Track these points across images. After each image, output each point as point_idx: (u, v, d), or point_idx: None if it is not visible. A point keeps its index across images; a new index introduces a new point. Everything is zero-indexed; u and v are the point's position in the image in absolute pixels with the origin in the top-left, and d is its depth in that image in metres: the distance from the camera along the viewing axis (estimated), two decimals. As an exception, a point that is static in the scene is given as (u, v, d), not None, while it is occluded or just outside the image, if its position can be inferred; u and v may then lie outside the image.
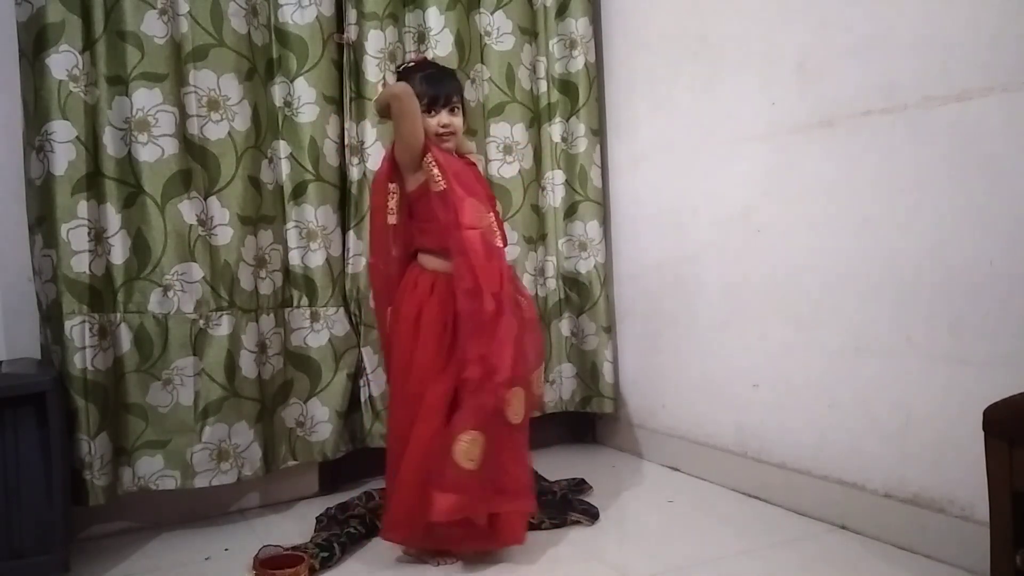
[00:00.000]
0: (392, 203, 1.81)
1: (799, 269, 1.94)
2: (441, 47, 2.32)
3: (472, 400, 1.64)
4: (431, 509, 1.62)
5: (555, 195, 2.55)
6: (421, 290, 1.76)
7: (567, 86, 2.54)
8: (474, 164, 1.89)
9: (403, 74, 1.86)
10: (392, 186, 1.81)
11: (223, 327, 1.97)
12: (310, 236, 2.16)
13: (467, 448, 1.62)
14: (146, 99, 1.90)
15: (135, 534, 2.00)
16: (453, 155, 1.81)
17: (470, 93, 2.39)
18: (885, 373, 1.74)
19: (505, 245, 1.84)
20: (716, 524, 1.93)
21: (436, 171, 1.73)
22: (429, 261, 1.79)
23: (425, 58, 1.95)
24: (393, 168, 1.80)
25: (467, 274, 1.67)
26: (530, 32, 2.51)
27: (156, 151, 1.91)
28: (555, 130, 2.54)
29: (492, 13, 2.45)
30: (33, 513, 1.65)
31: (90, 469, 1.78)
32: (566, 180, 2.55)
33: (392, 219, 1.82)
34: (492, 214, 1.78)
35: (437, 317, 1.73)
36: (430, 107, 1.78)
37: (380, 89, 2.05)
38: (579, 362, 2.58)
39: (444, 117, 1.79)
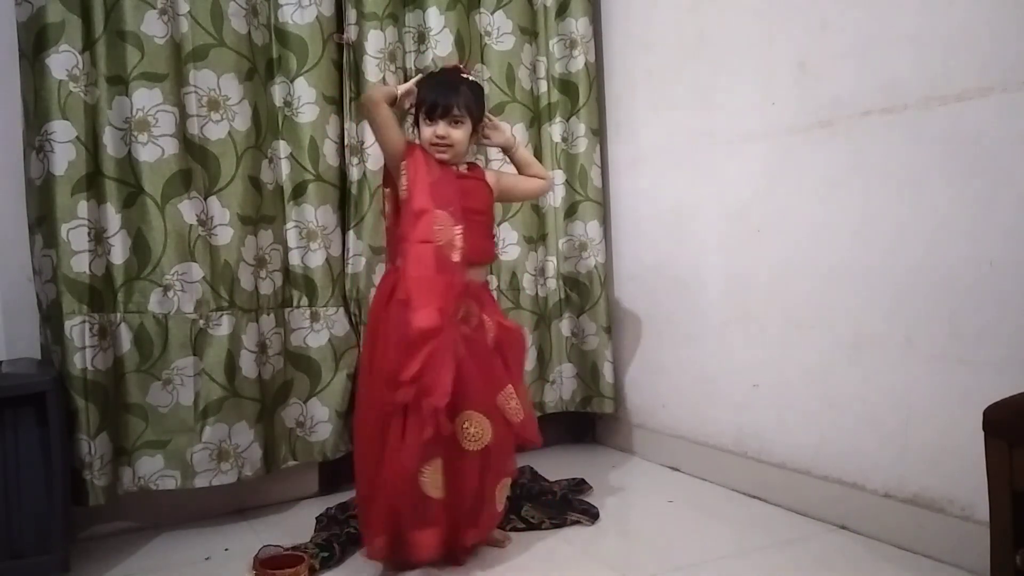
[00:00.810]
0: (387, 208, 1.81)
1: (799, 269, 1.94)
2: (441, 47, 2.32)
3: (417, 426, 1.60)
4: (414, 551, 1.64)
5: (555, 195, 2.54)
6: (381, 295, 1.76)
7: (567, 86, 2.54)
8: (476, 176, 1.84)
9: (425, 77, 1.86)
10: (386, 191, 1.81)
11: (223, 327, 1.97)
12: (310, 236, 2.16)
13: (430, 479, 1.62)
14: (146, 99, 1.90)
15: (135, 534, 2.00)
16: (443, 165, 1.76)
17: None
18: (885, 373, 1.74)
19: (485, 259, 1.82)
20: (716, 524, 1.93)
21: (405, 179, 1.72)
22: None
23: (457, 66, 1.86)
24: (388, 172, 1.80)
25: (402, 286, 1.66)
26: (530, 32, 2.51)
27: (156, 151, 1.91)
28: (555, 130, 2.54)
29: (492, 13, 2.45)
30: (33, 513, 1.65)
31: (90, 469, 1.78)
32: (566, 180, 2.55)
33: (387, 222, 1.82)
34: (459, 227, 1.69)
35: (396, 324, 1.67)
36: (428, 115, 1.76)
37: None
38: (579, 362, 2.58)
39: (441, 128, 1.74)
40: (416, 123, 1.82)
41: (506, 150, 1.96)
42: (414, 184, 1.71)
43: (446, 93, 1.76)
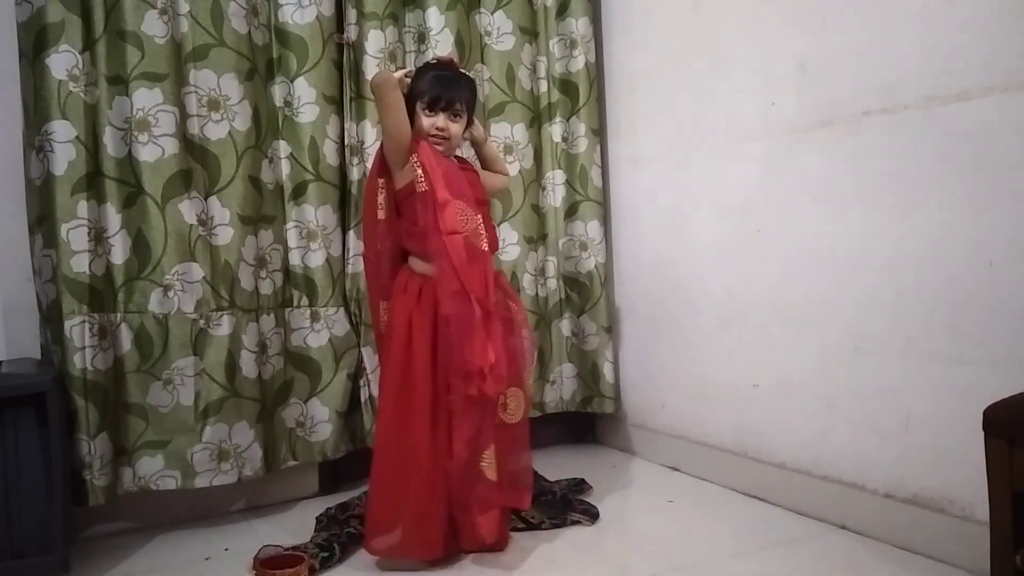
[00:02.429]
0: (380, 198, 1.80)
1: (799, 269, 1.94)
2: (441, 47, 2.32)
3: (476, 414, 1.66)
4: (480, 532, 1.71)
5: (555, 195, 2.55)
6: (410, 295, 1.76)
7: (567, 86, 2.54)
8: (471, 168, 1.89)
9: (420, 69, 1.86)
10: (381, 181, 1.81)
11: (223, 327, 1.97)
12: (310, 236, 2.16)
13: (488, 463, 1.68)
14: (146, 99, 1.90)
15: (135, 534, 2.00)
16: (444, 156, 1.80)
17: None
18: (885, 373, 1.74)
19: (495, 249, 1.82)
20: (716, 524, 1.93)
21: (420, 171, 1.73)
22: (417, 264, 1.79)
23: (452, 60, 1.89)
24: (383, 162, 1.80)
25: (452, 277, 1.67)
26: (530, 32, 2.51)
27: (156, 151, 1.91)
28: (555, 130, 2.54)
29: (492, 13, 2.45)
30: (33, 513, 1.65)
31: (90, 469, 1.78)
32: (566, 180, 2.55)
33: (381, 214, 1.81)
34: (479, 216, 1.75)
35: (426, 323, 1.72)
36: (430, 107, 1.77)
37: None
38: (580, 362, 2.58)
39: (440, 120, 1.77)
40: (410, 113, 1.82)
41: (478, 144, 1.97)
42: (433, 175, 1.71)
43: (449, 87, 1.78)
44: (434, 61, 1.89)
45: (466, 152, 2.40)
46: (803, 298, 1.94)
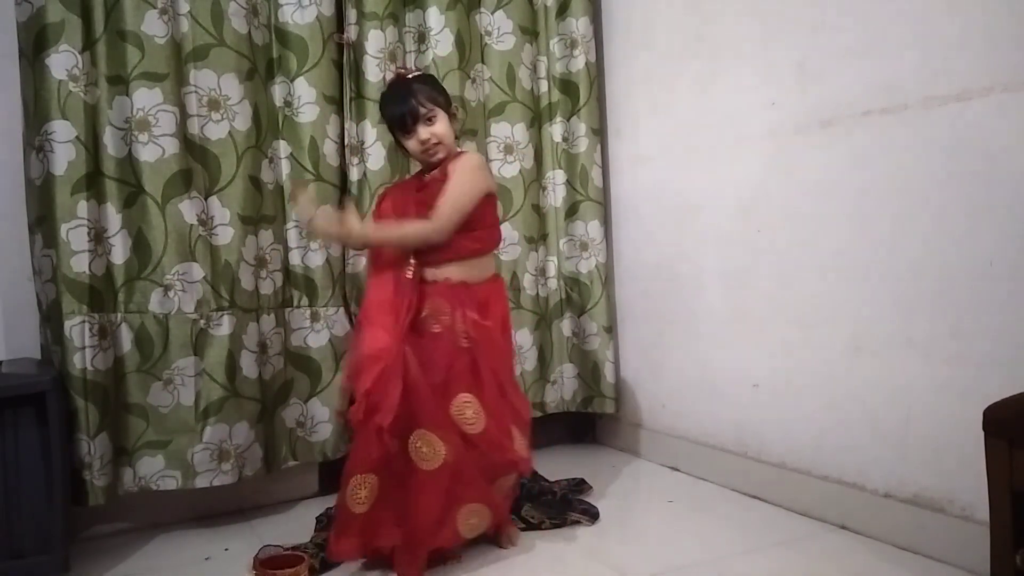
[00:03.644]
0: None
1: (799, 269, 1.94)
2: (441, 47, 2.32)
3: (362, 441, 1.64)
4: (329, 553, 1.68)
5: (556, 195, 2.54)
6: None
7: (568, 86, 2.54)
8: (438, 179, 1.77)
9: (380, 102, 1.90)
10: None
11: (224, 327, 1.97)
12: (310, 236, 2.16)
13: (356, 492, 1.64)
14: (146, 99, 1.90)
15: (135, 534, 2.00)
16: (409, 181, 1.88)
17: (471, 93, 2.39)
18: (885, 373, 1.74)
19: (467, 255, 1.77)
20: (716, 524, 1.93)
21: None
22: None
23: (396, 74, 1.85)
24: None
25: (361, 309, 1.76)
26: (531, 32, 2.51)
27: (156, 151, 1.91)
28: (556, 130, 2.54)
29: (492, 13, 2.44)
30: (33, 513, 1.65)
31: (90, 469, 1.78)
32: (567, 180, 2.55)
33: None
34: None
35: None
36: (402, 128, 1.76)
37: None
38: (580, 362, 2.58)
39: (422, 132, 1.75)
40: (398, 144, 1.84)
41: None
42: (377, 219, 1.83)
43: (404, 99, 1.75)
44: (386, 87, 1.92)
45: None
46: (803, 298, 1.94)
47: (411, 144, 1.77)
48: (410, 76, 1.82)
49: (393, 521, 1.64)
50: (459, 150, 1.88)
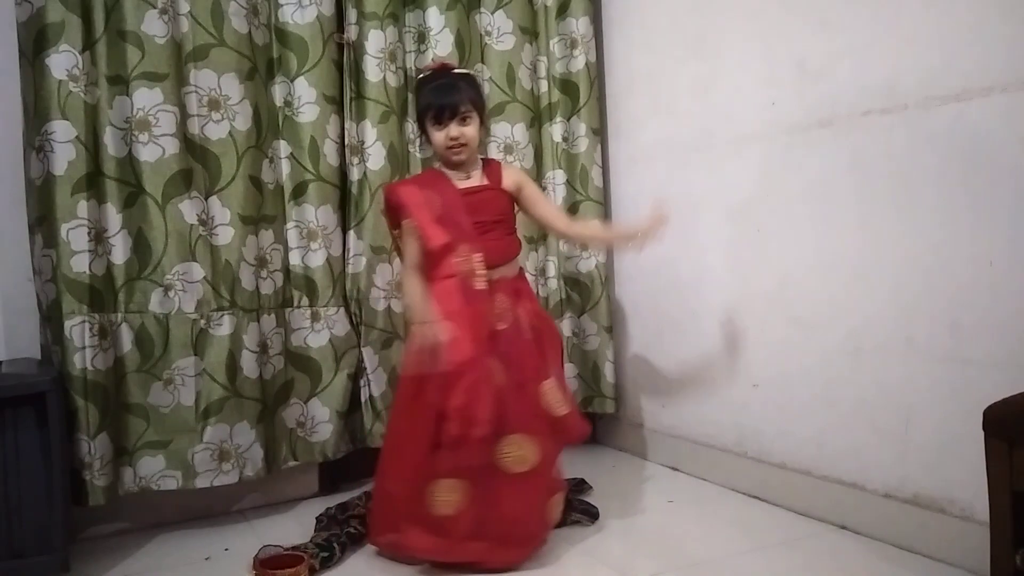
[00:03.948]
0: (399, 245, 1.85)
1: (799, 268, 1.94)
2: (441, 47, 2.32)
3: (453, 452, 1.63)
4: (405, 542, 1.68)
5: (556, 195, 2.54)
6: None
7: (568, 86, 2.54)
8: (484, 188, 1.83)
9: (417, 85, 1.86)
10: (395, 232, 1.86)
11: (224, 327, 1.97)
12: (310, 236, 2.16)
13: (445, 495, 1.65)
14: (147, 99, 1.90)
15: (135, 534, 2.00)
16: (448, 188, 1.79)
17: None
18: (885, 373, 1.74)
19: (513, 256, 1.83)
20: (716, 524, 1.93)
21: (412, 222, 1.76)
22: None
23: (443, 64, 1.85)
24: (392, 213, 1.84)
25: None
26: (530, 32, 2.51)
27: (157, 151, 1.91)
28: (556, 130, 2.54)
29: (492, 13, 2.44)
30: (33, 513, 1.65)
31: (90, 469, 1.78)
32: (567, 180, 2.55)
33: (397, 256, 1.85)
34: (479, 255, 1.72)
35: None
36: (437, 120, 1.76)
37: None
38: (581, 362, 2.58)
39: (453, 129, 1.75)
40: (423, 131, 1.83)
41: None
42: (422, 223, 1.73)
43: (450, 93, 1.76)
44: (428, 72, 1.85)
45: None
46: (803, 298, 1.94)
47: (438, 137, 1.77)
48: (457, 71, 1.83)
49: (474, 529, 1.66)
50: (483, 157, 1.93)
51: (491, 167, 1.88)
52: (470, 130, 1.78)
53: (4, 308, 1.98)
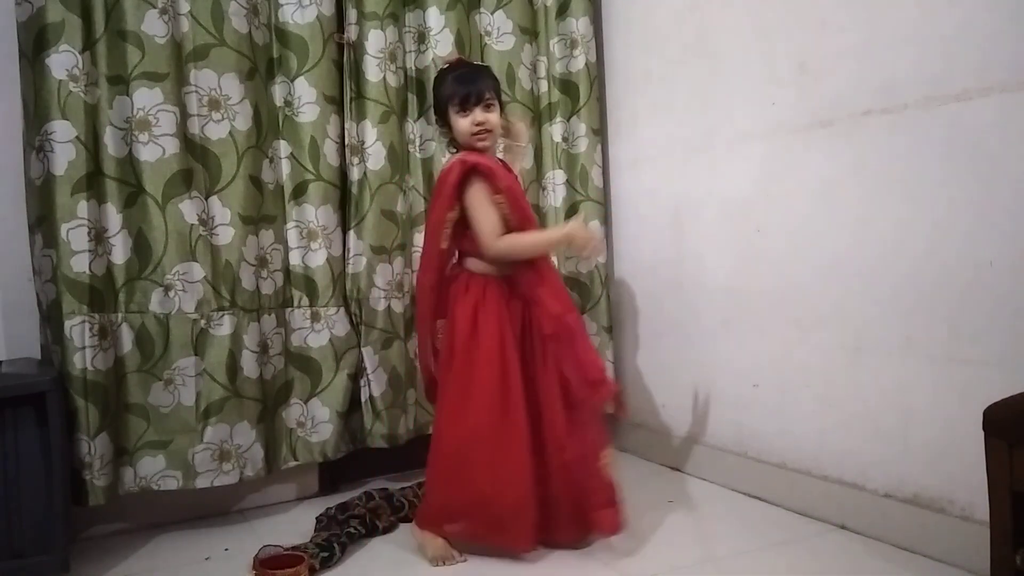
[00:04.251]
0: (448, 230, 1.80)
1: (799, 268, 1.94)
2: (441, 47, 2.32)
3: (595, 415, 1.79)
4: (601, 526, 1.76)
5: (556, 195, 2.54)
6: (473, 295, 1.77)
7: (568, 86, 2.54)
8: (511, 170, 1.90)
9: (438, 77, 1.87)
10: (451, 215, 1.78)
11: (224, 327, 1.97)
12: (311, 236, 2.16)
13: (608, 463, 1.75)
14: (147, 99, 1.90)
15: (135, 534, 2.00)
16: (503, 167, 1.85)
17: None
18: (885, 373, 1.74)
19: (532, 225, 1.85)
20: (716, 524, 1.93)
21: (504, 200, 1.76)
22: (475, 264, 1.81)
23: (460, 58, 1.93)
24: (454, 196, 1.77)
25: (546, 292, 1.78)
26: (530, 32, 2.51)
27: (157, 151, 1.91)
28: (556, 130, 2.54)
29: (492, 13, 2.44)
30: (33, 513, 1.65)
31: (90, 469, 1.78)
32: (567, 180, 2.55)
33: (444, 244, 1.81)
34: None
35: (494, 321, 1.76)
36: (462, 106, 1.78)
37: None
38: (579, 362, 2.58)
39: (479, 115, 1.78)
40: (446, 122, 1.83)
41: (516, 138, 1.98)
42: (514, 201, 1.78)
43: (474, 80, 1.80)
44: (446, 65, 1.89)
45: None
46: (803, 298, 1.94)
47: (463, 123, 1.79)
48: (476, 63, 1.91)
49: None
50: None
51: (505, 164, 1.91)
52: (494, 117, 1.81)
53: (4, 308, 1.98)
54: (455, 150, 1.86)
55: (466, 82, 1.79)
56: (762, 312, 2.06)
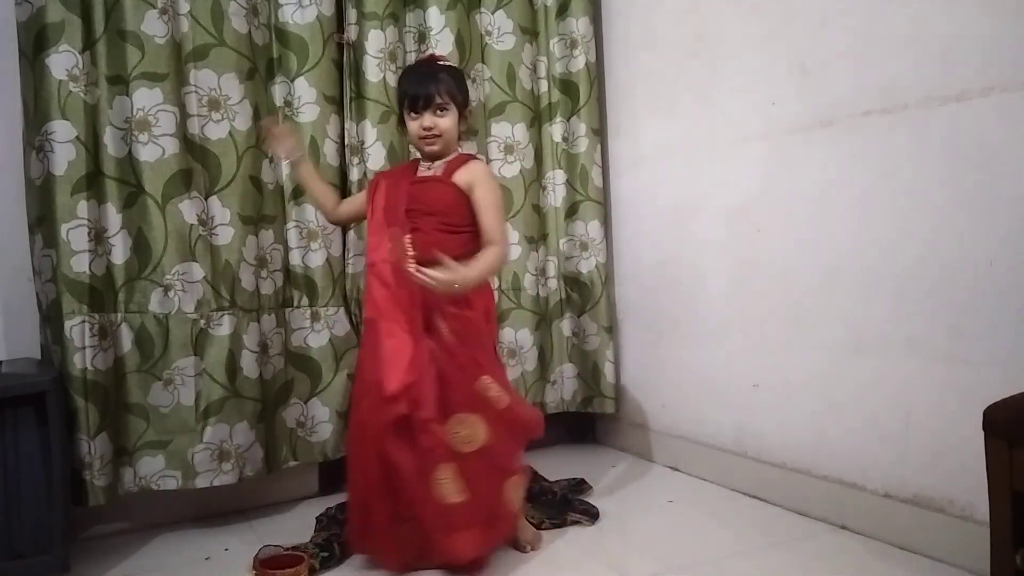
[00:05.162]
0: None
1: (799, 268, 1.94)
2: (441, 47, 2.32)
3: (413, 439, 1.63)
4: (454, 553, 1.63)
5: (556, 195, 2.54)
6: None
7: (568, 86, 2.54)
8: (434, 178, 1.78)
9: (400, 76, 1.86)
10: None
11: (224, 327, 1.97)
12: (310, 236, 2.16)
13: (446, 483, 1.61)
14: (147, 99, 1.90)
15: (135, 534, 2.00)
16: (404, 172, 1.82)
17: (471, 93, 2.38)
18: (885, 373, 1.74)
19: (435, 251, 1.66)
20: (716, 524, 1.93)
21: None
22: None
23: (431, 56, 1.88)
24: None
25: (368, 305, 1.76)
26: (531, 32, 2.51)
27: (157, 151, 1.91)
28: (556, 130, 2.54)
29: (493, 13, 2.44)
30: (33, 513, 1.65)
31: (90, 469, 1.78)
32: (567, 180, 2.55)
33: None
34: (409, 236, 1.70)
35: (367, 342, 1.77)
36: (411, 108, 1.75)
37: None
38: (580, 362, 2.58)
39: (427, 119, 1.74)
40: (401, 120, 1.82)
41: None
42: (371, 210, 1.80)
43: (425, 82, 1.74)
44: (413, 64, 1.87)
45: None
46: (803, 298, 1.94)
47: (412, 126, 1.77)
48: (440, 63, 1.83)
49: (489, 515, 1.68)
50: (459, 151, 1.85)
51: (456, 160, 1.79)
52: (444, 121, 1.75)
53: (4, 308, 1.98)
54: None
55: (419, 84, 1.74)
56: (762, 312, 2.06)
